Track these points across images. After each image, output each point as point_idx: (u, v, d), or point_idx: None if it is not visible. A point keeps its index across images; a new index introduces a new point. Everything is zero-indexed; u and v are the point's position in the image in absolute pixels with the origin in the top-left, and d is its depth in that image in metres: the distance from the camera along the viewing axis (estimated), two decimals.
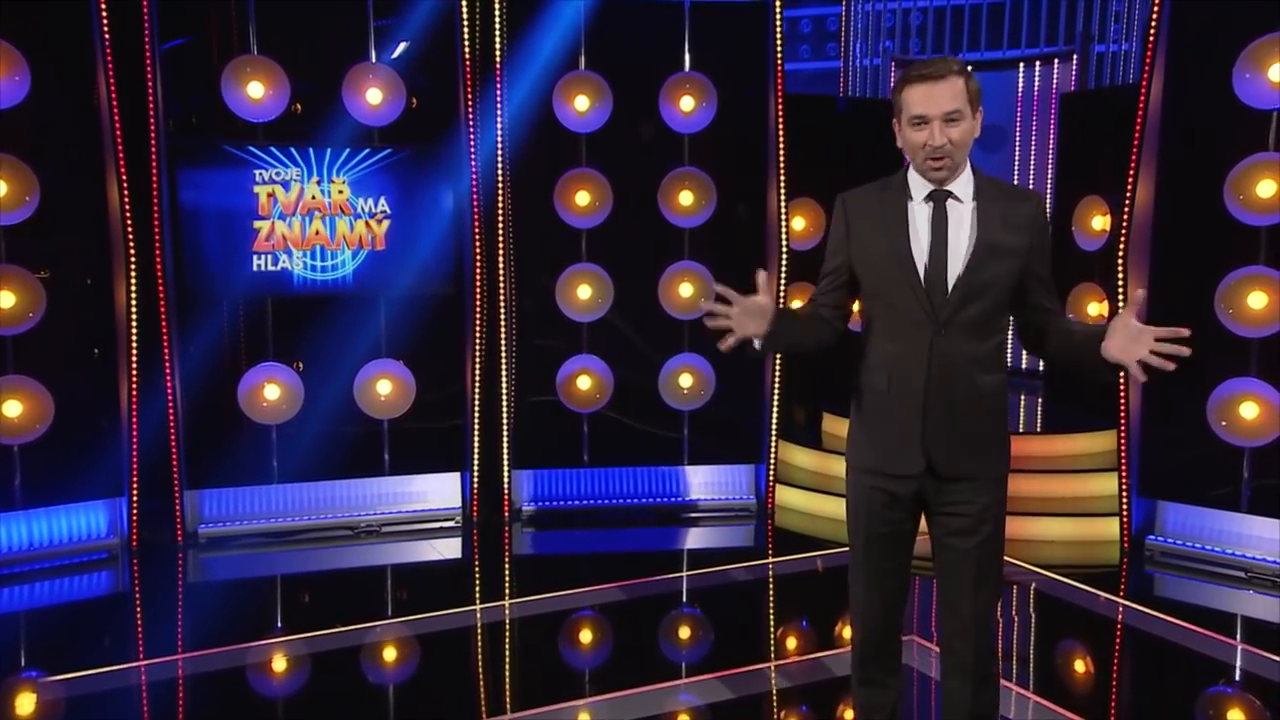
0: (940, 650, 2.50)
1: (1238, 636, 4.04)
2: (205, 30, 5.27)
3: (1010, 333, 2.45)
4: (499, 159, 5.25)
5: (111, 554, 4.90)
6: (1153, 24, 4.63)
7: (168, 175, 4.85)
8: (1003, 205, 2.31)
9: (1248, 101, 4.43)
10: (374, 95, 5.10)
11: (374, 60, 5.16)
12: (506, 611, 4.32)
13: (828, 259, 2.47)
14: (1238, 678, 3.72)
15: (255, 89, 4.92)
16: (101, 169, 4.76)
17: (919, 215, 2.32)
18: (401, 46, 5.30)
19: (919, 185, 2.33)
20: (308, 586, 4.82)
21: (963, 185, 2.32)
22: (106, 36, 4.63)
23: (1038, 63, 7.96)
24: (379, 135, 5.19)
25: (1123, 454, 4.89)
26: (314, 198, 5.10)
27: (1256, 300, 4.44)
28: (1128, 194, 4.75)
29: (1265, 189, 4.39)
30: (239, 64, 4.94)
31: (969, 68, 2.30)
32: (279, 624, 4.30)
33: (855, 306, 2.48)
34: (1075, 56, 7.77)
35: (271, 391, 5.12)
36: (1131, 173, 4.72)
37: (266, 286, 5.10)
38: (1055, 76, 7.79)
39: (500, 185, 5.27)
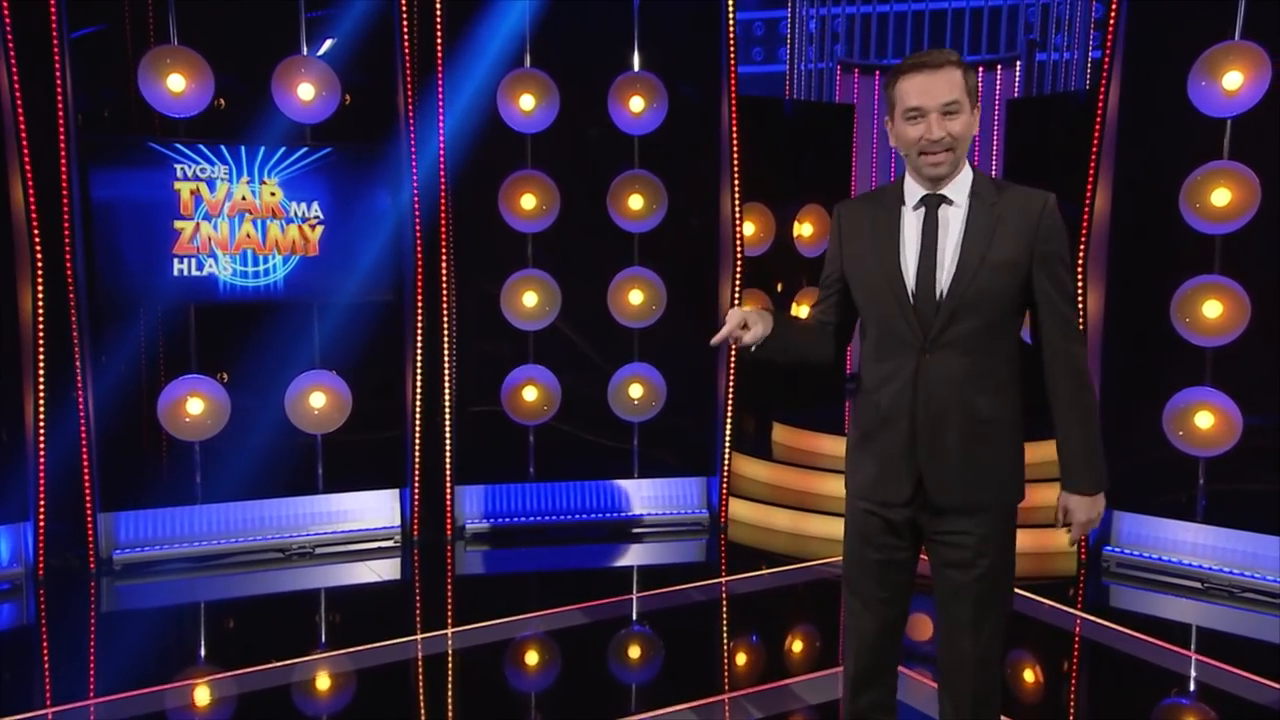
0: (938, 686, 2.36)
1: (1193, 647, 4.02)
2: (119, 18, 4.99)
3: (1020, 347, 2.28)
4: (440, 160, 5.03)
5: (14, 584, 4.55)
6: (1109, 31, 4.61)
7: (78, 172, 4.52)
8: (1000, 209, 2.12)
9: (1203, 109, 4.42)
10: (306, 91, 4.85)
11: (306, 54, 4.90)
12: (450, 640, 4.08)
13: (825, 270, 2.37)
14: (1193, 689, 3.69)
15: (176, 82, 4.63)
16: (4, 165, 4.42)
17: (910, 224, 2.17)
18: (329, 43, 5.04)
19: (913, 191, 2.19)
20: (235, 615, 4.53)
21: (958, 188, 2.15)
22: (8, 21, 4.30)
23: (980, 69, 7.99)
24: (311, 133, 4.94)
25: None
26: (244, 198, 4.81)
27: (1212, 309, 4.44)
28: (1086, 202, 4.72)
29: (1220, 197, 4.38)
30: (158, 55, 4.65)
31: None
32: (203, 659, 3.99)
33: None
34: (1019, 63, 7.82)
35: (195, 405, 4.83)
36: (1090, 181, 4.69)
37: (189, 293, 4.81)
38: (999, 83, 7.82)
39: (442, 187, 5.05)
